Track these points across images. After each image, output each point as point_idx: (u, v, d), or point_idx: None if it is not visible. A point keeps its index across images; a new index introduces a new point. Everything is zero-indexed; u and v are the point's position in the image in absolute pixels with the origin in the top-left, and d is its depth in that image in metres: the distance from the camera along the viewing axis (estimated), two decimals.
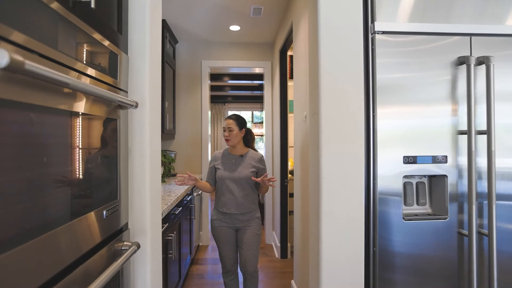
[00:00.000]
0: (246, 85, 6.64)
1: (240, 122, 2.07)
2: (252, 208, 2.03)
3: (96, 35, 0.91)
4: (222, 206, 2.03)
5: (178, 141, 3.67)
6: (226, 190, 2.02)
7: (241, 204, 2.00)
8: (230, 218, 2.02)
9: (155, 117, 1.29)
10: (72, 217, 0.78)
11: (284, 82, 3.24)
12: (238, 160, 2.06)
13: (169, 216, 1.96)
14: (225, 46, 3.70)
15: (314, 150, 1.39)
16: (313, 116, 1.40)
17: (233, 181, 2.01)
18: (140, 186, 1.19)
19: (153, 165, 1.26)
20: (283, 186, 3.24)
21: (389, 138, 1.32)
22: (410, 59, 1.33)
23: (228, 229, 2.04)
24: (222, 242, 2.04)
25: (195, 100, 3.69)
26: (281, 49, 3.20)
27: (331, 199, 1.27)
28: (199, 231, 3.58)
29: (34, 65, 0.54)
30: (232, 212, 2.00)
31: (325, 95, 1.28)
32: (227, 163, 2.07)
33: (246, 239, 2.00)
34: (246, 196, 2.01)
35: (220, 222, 2.04)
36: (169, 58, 3.26)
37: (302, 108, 2.02)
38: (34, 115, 0.63)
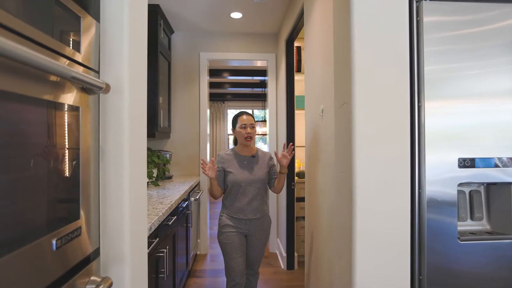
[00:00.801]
0: (247, 82, 6.35)
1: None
2: (265, 210, 1.94)
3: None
4: (238, 212, 1.87)
5: (174, 140, 3.37)
6: (242, 194, 1.86)
7: (257, 208, 1.88)
8: (245, 224, 1.88)
9: (138, 107, 0.99)
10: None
11: (290, 76, 2.94)
12: (251, 161, 1.91)
13: (160, 228, 1.66)
14: (225, 36, 3.40)
15: (343, 150, 1.09)
16: (340, 107, 1.10)
17: (249, 184, 1.86)
18: (115, 198, 0.89)
19: (135, 169, 0.96)
20: (290, 190, 2.94)
21: (438, 136, 1.03)
22: (465, 43, 1.03)
23: (240, 236, 1.89)
24: (234, 250, 1.85)
25: (193, 95, 3.39)
26: (287, 39, 2.90)
27: (368, 214, 0.98)
28: (196, 239, 3.28)
29: None
30: (250, 217, 1.87)
31: (360, 79, 0.98)
32: (240, 165, 1.89)
33: (258, 242, 1.91)
34: (262, 199, 1.90)
35: (235, 229, 1.87)
36: (164, 49, 2.96)
37: (318, 101, 1.73)
38: None
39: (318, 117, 1.71)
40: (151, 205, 1.81)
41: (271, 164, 1.97)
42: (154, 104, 2.68)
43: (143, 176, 1.05)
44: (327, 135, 1.54)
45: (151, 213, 1.61)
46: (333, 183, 1.37)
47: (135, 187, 0.96)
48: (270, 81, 3.44)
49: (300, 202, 3.09)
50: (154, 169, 2.67)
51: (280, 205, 3.26)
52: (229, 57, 3.38)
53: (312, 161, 1.88)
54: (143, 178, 1.04)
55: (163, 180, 2.95)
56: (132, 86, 0.94)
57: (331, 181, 1.41)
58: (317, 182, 1.76)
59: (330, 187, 1.45)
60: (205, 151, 3.39)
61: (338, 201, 1.14)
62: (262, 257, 2.00)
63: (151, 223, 1.42)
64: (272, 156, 2.01)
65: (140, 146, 1.01)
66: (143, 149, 1.04)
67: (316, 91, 1.75)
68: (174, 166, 3.35)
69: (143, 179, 1.04)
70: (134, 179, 0.95)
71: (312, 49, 1.87)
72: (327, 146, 1.52)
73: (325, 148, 1.57)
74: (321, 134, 1.67)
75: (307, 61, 2.01)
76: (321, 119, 1.66)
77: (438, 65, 1.03)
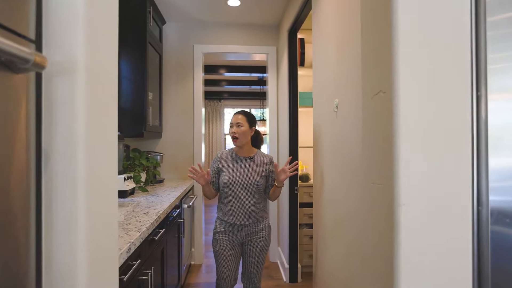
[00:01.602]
0: (244, 80, 6.08)
1: (251, 119, 1.84)
2: (262, 217, 1.81)
3: None
4: (229, 216, 1.77)
5: (166, 140, 3.09)
6: (234, 197, 1.76)
7: (250, 213, 1.76)
8: (238, 230, 1.78)
9: (102, 94, 0.73)
10: None
11: (293, 70, 2.69)
12: (247, 163, 1.81)
13: (144, 246, 1.39)
14: (221, 27, 3.13)
15: (376, 154, 0.83)
16: (373, 98, 0.84)
17: (242, 187, 1.76)
18: (64, 227, 0.62)
19: (98, 182, 0.69)
20: (293, 195, 2.68)
21: (505, 136, 0.78)
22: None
23: (234, 243, 1.79)
24: (224, 259, 1.78)
25: (186, 92, 3.12)
26: (290, 29, 2.64)
27: (417, 243, 0.72)
28: (190, 248, 3.01)
29: None
30: (241, 222, 1.76)
31: (405, 61, 0.72)
32: (234, 166, 1.81)
33: (255, 251, 1.79)
34: (257, 204, 1.78)
35: (227, 235, 1.79)
36: (154, 40, 2.69)
37: (331, 95, 1.47)
38: None
39: (331, 113, 1.45)
40: (134, 217, 1.54)
41: (270, 169, 1.83)
42: (142, 100, 2.41)
43: (112, 192, 0.78)
44: (344, 133, 1.29)
45: (133, 228, 1.34)
46: (357, 194, 1.11)
47: (97, 207, 0.69)
48: (270, 77, 3.18)
49: (304, 208, 2.84)
50: (142, 173, 2.39)
51: (282, 211, 3.00)
52: (226, 50, 3.11)
53: (323, 164, 1.63)
54: (111, 194, 0.77)
55: (154, 185, 2.68)
56: (92, 65, 0.67)
57: (353, 191, 1.15)
58: (330, 190, 1.50)
59: (351, 197, 1.19)
60: (200, 152, 3.12)
61: (369, 220, 0.88)
62: (261, 270, 1.84)
63: (130, 243, 1.15)
64: (273, 161, 1.87)
65: (107, 149, 0.75)
66: (111, 153, 0.78)
67: (329, 84, 1.49)
68: (165, 169, 3.08)
69: (111, 195, 0.77)
70: (96, 196, 0.68)
71: (323, 37, 1.61)
72: (345, 147, 1.26)
73: (341, 149, 1.32)
74: (335, 132, 1.41)
75: (316, 51, 1.75)
76: (336, 115, 1.40)
77: (504, 52, 0.78)
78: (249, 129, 1.80)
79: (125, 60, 2.41)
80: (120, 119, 2.40)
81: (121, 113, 2.41)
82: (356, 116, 1.10)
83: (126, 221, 1.46)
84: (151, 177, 2.64)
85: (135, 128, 2.41)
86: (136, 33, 2.41)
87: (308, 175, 2.94)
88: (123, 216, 1.56)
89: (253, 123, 1.84)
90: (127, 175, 2.13)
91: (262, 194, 1.83)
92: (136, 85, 2.42)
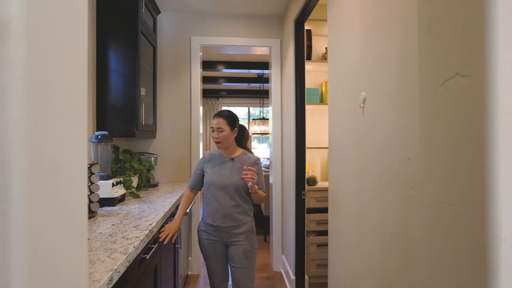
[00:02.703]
0: (243, 77, 5.84)
1: (232, 120, 1.77)
2: (243, 220, 1.75)
3: None
4: (208, 216, 1.77)
5: (161, 140, 2.85)
6: (213, 198, 1.75)
7: (228, 216, 1.72)
8: (217, 231, 1.76)
9: (63, 72, 0.49)
10: None
11: (300, 65, 2.45)
12: (228, 164, 1.78)
13: (131, 270, 1.15)
14: (221, 18, 2.89)
15: (447, 163, 0.60)
16: (443, 85, 0.61)
17: (220, 188, 1.74)
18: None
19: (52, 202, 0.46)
20: (299, 200, 2.45)
21: None
22: None
23: (216, 243, 1.78)
24: (209, 258, 1.81)
25: (183, 88, 2.87)
26: (297, 19, 2.42)
27: None
28: (187, 257, 2.77)
29: None
30: (219, 224, 1.73)
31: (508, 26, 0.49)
32: (216, 166, 1.79)
33: (236, 256, 1.75)
34: (236, 207, 1.74)
35: (207, 235, 1.80)
36: (147, 30, 2.44)
37: (355, 88, 1.24)
38: None
39: (355, 109, 1.23)
40: (122, 231, 1.30)
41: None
42: (133, 96, 2.16)
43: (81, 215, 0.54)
44: (376, 134, 1.06)
45: (118, 247, 1.10)
46: (401, 209, 0.88)
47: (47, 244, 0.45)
48: (273, 72, 2.95)
49: (311, 214, 2.62)
50: (133, 177, 2.15)
51: (287, 217, 2.77)
52: (226, 42, 2.87)
53: (342, 170, 1.40)
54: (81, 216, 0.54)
55: (147, 189, 2.44)
56: (40, 26, 0.43)
57: (395, 205, 0.92)
58: (355, 201, 1.27)
59: (390, 212, 0.96)
60: (197, 153, 2.88)
61: (433, 252, 0.65)
62: (247, 279, 1.75)
63: (113, 271, 0.92)
64: (258, 162, 1.81)
65: (67, 150, 0.51)
66: (78, 159, 0.54)
67: (352, 75, 1.26)
68: (160, 172, 2.83)
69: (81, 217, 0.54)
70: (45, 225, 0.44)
71: (343, 19, 1.38)
72: (381, 151, 1.04)
73: (373, 154, 1.09)
74: (362, 133, 1.18)
75: (334, 39, 1.52)
76: (362, 111, 1.17)
77: None
78: (231, 132, 1.76)
79: (114, 51, 2.17)
80: (108, 117, 2.16)
81: (110, 111, 2.16)
82: (402, 111, 0.88)
83: (111, 237, 1.22)
84: (144, 181, 2.39)
85: (125, 127, 2.16)
86: (127, 20, 2.16)
87: (315, 178, 2.72)
88: (109, 230, 1.32)
89: (234, 124, 1.78)
90: (116, 179, 1.89)
91: (244, 196, 1.77)
92: (126, 80, 2.17)
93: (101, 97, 2.15)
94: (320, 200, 2.65)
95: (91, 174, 1.55)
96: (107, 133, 1.89)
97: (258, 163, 1.80)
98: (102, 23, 2.15)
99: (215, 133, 1.75)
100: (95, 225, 1.40)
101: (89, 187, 1.54)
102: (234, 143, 1.83)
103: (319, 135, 2.91)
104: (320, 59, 2.86)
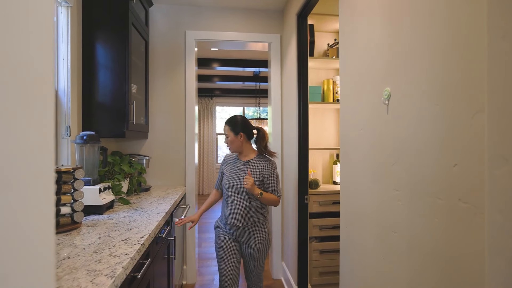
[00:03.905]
0: (238, 75, 5.69)
1: (234, 125, 1.83)
2: (257, 221, 1.81)
3: None
4: (225, 216, 1.85)
5: (153, 141, 2.67)
6: (228, 198, 1.83)
7: (243, 216, 1.79)
8: (232, 230, 1.83)
9: None
10: None
11: (303, 61, 2.31)
12: (243, 167, 1.84)
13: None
14: (218, 12, 2.73)
15: None
16: None
17: (235, 189, 1.81)
18: None
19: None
20: (302, 205, 2.31)
21: None
22: None
23: (231, 241, 1.84)
24: (223, 254, 1.84)
25: (177, 85, 2.70)
26: (299, 12, 2.27)
27: None
28: (182, 266, 2.60)
29: None
30: (234, 223, 1.80)
31: None
32: (233, 168, 1.86)
33: (249, 255, 1.83)
34: (250, 208, 1.79)
35: (223, 231, 1.87)
36: (139, 23, 2.26)
37: (377, 82, 1.10)
38: None
39: (377, 107, 1.08)
40: (109, 246, 1.13)
41: (264, 175, 1.81)
42: (123, 93, 1.99)
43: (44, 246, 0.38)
44: (403, 134, 0.92)
45: (103, 268, 0.93)
46: (454, 231, 0.73)
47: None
48: (273, 69, 2.80)
49: (313, 219, 2.47)
50: (123, 181, 1.97)
51: (287, 222, 2.62)
52: (222, 37, 2.71)
53: (359, 174, 1.25)
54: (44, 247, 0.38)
55: (138, 194, 2.26)
56: None
57: (432, 220, 0.78)
58: (377, 213, 1.13)
59: (427, 227, 0.82)
60: (192, 154, 2.71)
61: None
62: (259, 271, 1.86)
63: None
64: (269, 166, 1.83)
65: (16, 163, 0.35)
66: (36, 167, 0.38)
67: (373, 67, 1.12)
68: (153, 174, 2.65)
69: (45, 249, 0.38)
70: None
71: (361, 4, 1.24)
72: (408, 154, 0.90)
73: (398, 157, 0.95)
74: (385, 133, 1.04)
75: (347, 24, 1.38)
76: (385, 109, 1.03)
77: None
78: (235, 137, 1.82)
79: (103, 45, 1.99)
80: (96, 116, 1.98)
81: (97, 109, 1.98)
82: (449, 107, 0.73)
83: (96, 254, 1.05)
84: (135, 185, 2.22)
85: (115, 127, 1.98)
86: (116, 11, 1.98)
87: (317, 181, 2.58)
88: (94, 245, 1.15)
89: (237, 129, 1.82)
90: (104, 185, 1.71)
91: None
92: (116, 75, 1.99)
93: (88, 94, 1.97)
94: (323, 204, 2.50)
95: (74, 179, 1.38)
96: (93, 133, 1.71)
97: (269, 167, 1.82)
98: (89, 13, 1.97)
99: (225, 138, 1.86)
100: (79, 238, 1.23)
101: (72, 195, 1.36)
102: (248, 146, 1.88)
103: (321, 135, 2.77)
104: (322, 55, 2.72)
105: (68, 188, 1.35)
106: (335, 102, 2.60)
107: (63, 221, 1.31)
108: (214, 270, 3.01)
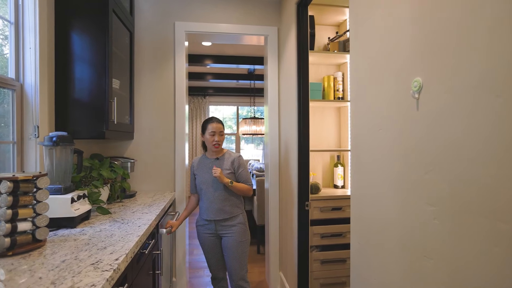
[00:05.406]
0: (232, 73, 5.47)
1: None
2: (234, 212, 1.93)
3: None
4: (203, 213, 1.95)
5: (139, 142, 2.45)
6: (204, 196, 1.94)
7: (220, 210, 1.90)
8: (212, 225, 1.93)
9: None
10: None
11: (303, 55, 2.12)
12: (214, 163, 1.95)
13: None
14: (210, 1, 2.52)
15: None
16: None
17: (209, 185, 1.92)
18: None
19: None
20: (302, 212, 2.12)
21: None
22: None
23: (211, 237, 1.95)
24: (206, 250, 1.98)
25: (166, 81, 2.48)
26: (299, 1, 2.08)
27: None
28: (171, 278, 2.38)
29: None
30: (213, 218, 1.90)
31: None
32: (204, 168, 1.97)
33: (229, 247, 1.91)
34: (226, 201, 1.91)
35: (203, 229, 1.97)
36: (122, 11, 2.04)
37: (402, 73, 0.90)
38: None
39: (403, 101, 0.89)
40: (71, 276, 0.91)
41: (235, 166, 1.94)
42: (102, 88, 1.76)
43: None
44: (441, 135, 0.73)
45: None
46: None
47: None
48: (270, 64, 2.59)
49: (314, 226, 2.28)
50: (102, 188, 1.74)
51: (285, 229, 2.43)
52: (215, 29, 2.50)
53: (377, 183, 1.06)
54: None
55: (122, 201, 2.03)
56: None
57: (502, 256, 0.59)
58: (402, 231, 0.93)
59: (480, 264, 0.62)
60: (183, 156, 2.49)
61: None
62: (241, 268, 1.90)
63: None
64: (239, 158, 1.97)
65: None
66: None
67: (398, 53, 0.93)
68: (138, 179, 2.43)
69: None
70: None
71: None
72: (450, 160, 0.70)
73: (435, 164, 0.75)
74: (414, 133, 0.84)
75: (361, 8, 1.18)
76: (415, 105, 0.84)
77: None
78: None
79: (79, 33, 1.76)
80: (71, 114, 1.75)
81: (73, 107, 1.75)
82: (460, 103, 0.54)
83: (54, 286, 0.84)
84: (118, 191, 1.99)
85: (93, 127, 1.76)
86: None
87: (317, 185, 2.39)
88: (55, 271, 0.93)
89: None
90: (79, 193, 1.49)
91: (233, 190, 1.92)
92: (94, 68, 1.76)
93: (62, 89, 1.74)
94: (324, 211, 2.31)
95: (36, 189, 1.15)
96: (66, 134, 1.48)
97: (238, 159, 1.97)
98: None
99: (216, 136, 1.90)
100: (38, 262, 1.01)
101: (33, 207, 1.14)
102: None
103: (320, 136, 2.58)
104: (322, 49, 2.53)
105: (28, 199, 1.12)
106: (336, 100, 2.42)
107: (22, 240, 1.09)
108: (206, 281, 2.80)
